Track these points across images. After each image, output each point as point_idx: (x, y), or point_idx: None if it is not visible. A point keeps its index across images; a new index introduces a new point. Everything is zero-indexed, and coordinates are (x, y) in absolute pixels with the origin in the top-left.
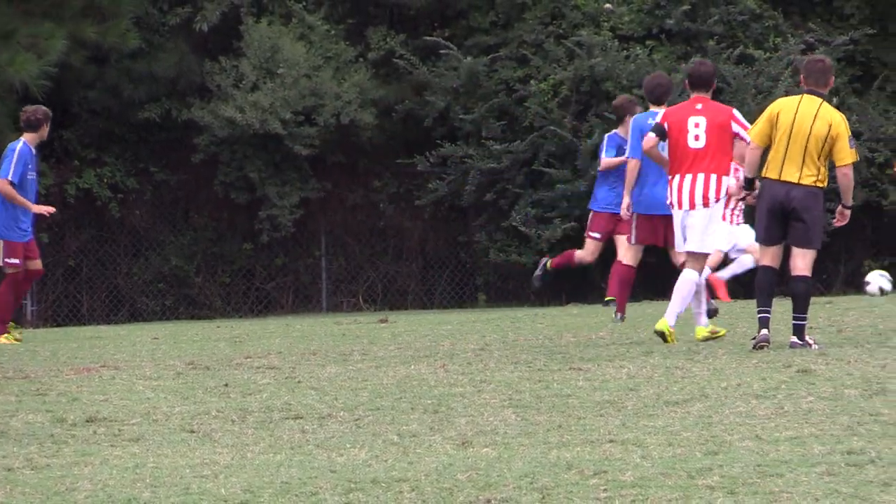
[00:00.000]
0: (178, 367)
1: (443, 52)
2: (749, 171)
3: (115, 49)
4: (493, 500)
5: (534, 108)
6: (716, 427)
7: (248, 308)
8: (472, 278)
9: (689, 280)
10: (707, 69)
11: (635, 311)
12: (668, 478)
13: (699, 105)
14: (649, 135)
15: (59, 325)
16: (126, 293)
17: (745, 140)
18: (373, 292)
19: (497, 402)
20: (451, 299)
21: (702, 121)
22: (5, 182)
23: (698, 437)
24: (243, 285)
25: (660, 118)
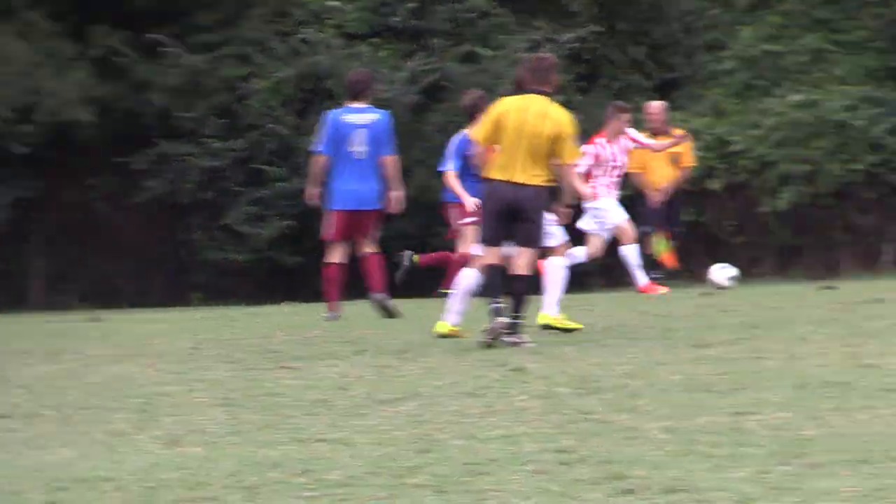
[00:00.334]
0: None
1: (165, 49)
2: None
3: None
4: (198, 500)
5: (255, 105)
6: (427, 426)
7: None
8: (188, 277)
9: (558, 265)
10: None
11: (350, 309)
12: (377, 477)
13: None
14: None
15: None
16: None
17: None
18: (87, 291)
19: (207, 401)
20: (167, 298)
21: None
22: None
23: (409, 435)
24: None
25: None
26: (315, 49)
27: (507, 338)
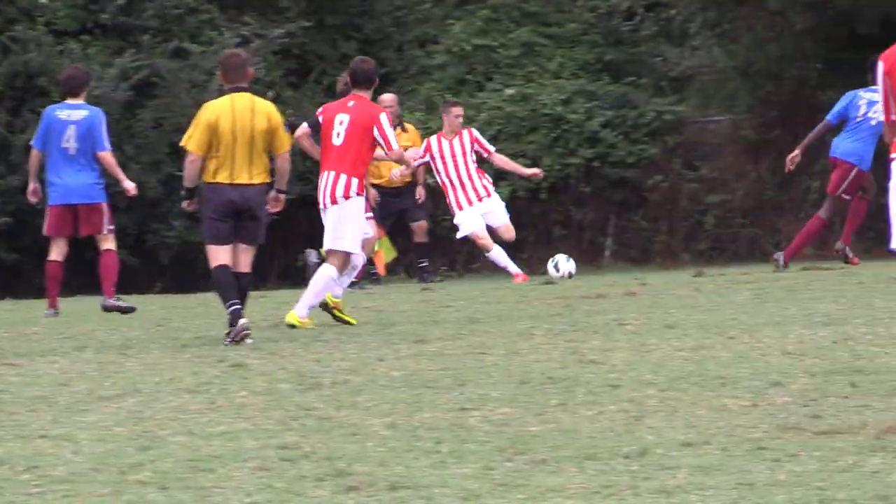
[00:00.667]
0: None
1: None
2: (189, 182)
3: None
4: None
5: None
6: (148, 422)
7: None
8: None
9: (326, 275)
10: (367, 66)
11: (70, 305)
12: (100, 473)
13: (351, 103)
14: (303, 125)
15: None
16: None
17: (386, 150)
18: None
19: None
20: None
21: (346, 119)
22: None
23: (130, 432)
24: None
25: (319, 110)
26: (25, 47)
27: (249, 339)
